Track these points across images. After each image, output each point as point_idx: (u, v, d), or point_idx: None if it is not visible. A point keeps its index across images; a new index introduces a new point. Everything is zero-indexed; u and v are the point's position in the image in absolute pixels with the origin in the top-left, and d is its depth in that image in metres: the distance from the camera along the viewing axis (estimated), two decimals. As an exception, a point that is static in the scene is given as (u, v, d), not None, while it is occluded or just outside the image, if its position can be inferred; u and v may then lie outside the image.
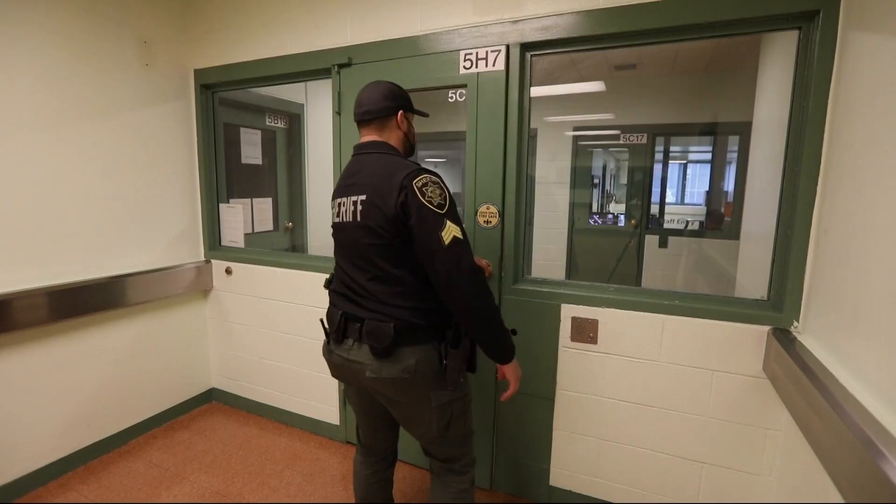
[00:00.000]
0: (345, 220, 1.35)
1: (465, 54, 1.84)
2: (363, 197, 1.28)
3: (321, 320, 1.47)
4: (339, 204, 1.38)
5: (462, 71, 1.86)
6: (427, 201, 1.21)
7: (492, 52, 1.79)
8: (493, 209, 1.90)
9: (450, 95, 1.99)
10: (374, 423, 1.55)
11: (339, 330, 1.36)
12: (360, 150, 1.40)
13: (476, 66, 1.84)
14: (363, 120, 1.40)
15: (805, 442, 1.24)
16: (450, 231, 1.21)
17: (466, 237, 1.26)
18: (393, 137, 1.41)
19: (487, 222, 1.92)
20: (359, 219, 1.29)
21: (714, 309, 1.64)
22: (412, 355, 1.29)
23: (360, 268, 1.33)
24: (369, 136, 1.40)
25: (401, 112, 1.40)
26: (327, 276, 1.54)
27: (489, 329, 1.30)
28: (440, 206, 1.22)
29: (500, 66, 1.78)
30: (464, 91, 1.92)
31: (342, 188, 1.39)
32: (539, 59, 1.87)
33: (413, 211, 1.21)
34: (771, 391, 1.55)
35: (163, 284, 2.52)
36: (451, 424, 1.41)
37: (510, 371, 1.38)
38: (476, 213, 1.93)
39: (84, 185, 2.17)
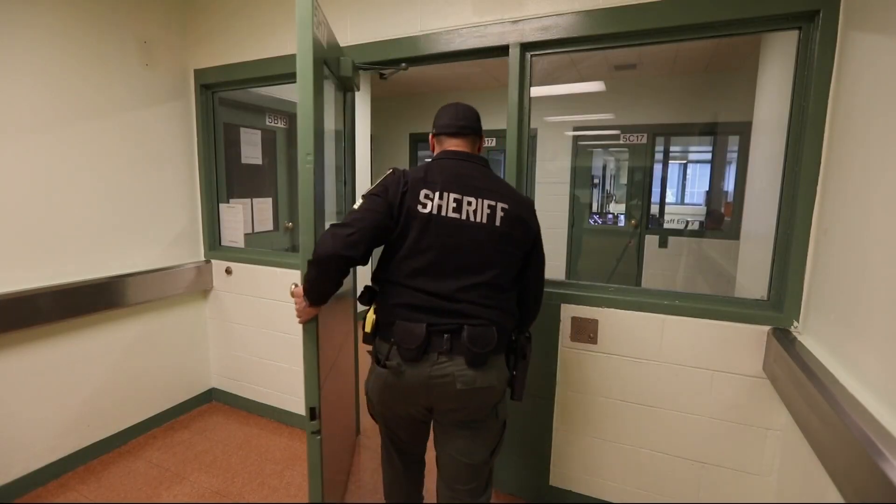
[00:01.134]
0: (472, 220, 1.27)
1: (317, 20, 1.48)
2: (505, 205, 1.30)
3: (393, 341, 1.28)
4: (457, 201, 1.27)
5: None
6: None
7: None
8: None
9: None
10: (422, 432, 1.52)
11: (421, 346, 1.24)
12: (466, 157, 1.38)
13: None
14: (461, 133, 1.40)
15: (805, 442, 1.24)
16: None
17: None
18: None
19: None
20: (498, 224, 1.28)
21: (714, 309, 1.64)
22: (498, 363, 1.33)
23: (473, 272, 1.27)
24: (466, 149, 1.41)
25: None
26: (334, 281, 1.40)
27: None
28: None
29: None
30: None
31: (456, 185, 1.29)
32: (539, 59, 1.87)
33: (538, 236, 1.40)
34: (771, 391, 1.55)
35: (163, 284, 2.52)
36: (498, 447, 1.41)
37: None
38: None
39: (84, 184, 2.17)
